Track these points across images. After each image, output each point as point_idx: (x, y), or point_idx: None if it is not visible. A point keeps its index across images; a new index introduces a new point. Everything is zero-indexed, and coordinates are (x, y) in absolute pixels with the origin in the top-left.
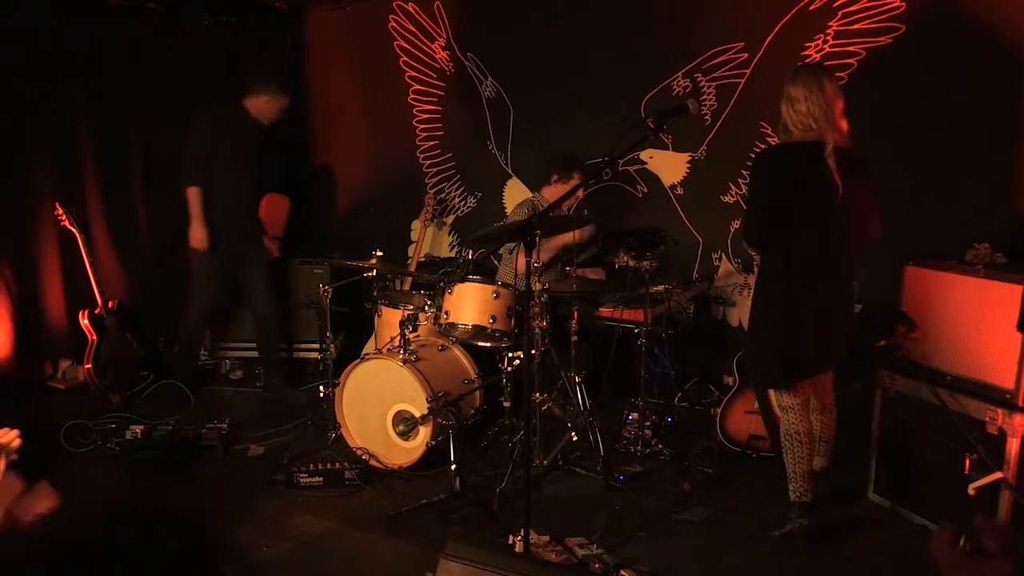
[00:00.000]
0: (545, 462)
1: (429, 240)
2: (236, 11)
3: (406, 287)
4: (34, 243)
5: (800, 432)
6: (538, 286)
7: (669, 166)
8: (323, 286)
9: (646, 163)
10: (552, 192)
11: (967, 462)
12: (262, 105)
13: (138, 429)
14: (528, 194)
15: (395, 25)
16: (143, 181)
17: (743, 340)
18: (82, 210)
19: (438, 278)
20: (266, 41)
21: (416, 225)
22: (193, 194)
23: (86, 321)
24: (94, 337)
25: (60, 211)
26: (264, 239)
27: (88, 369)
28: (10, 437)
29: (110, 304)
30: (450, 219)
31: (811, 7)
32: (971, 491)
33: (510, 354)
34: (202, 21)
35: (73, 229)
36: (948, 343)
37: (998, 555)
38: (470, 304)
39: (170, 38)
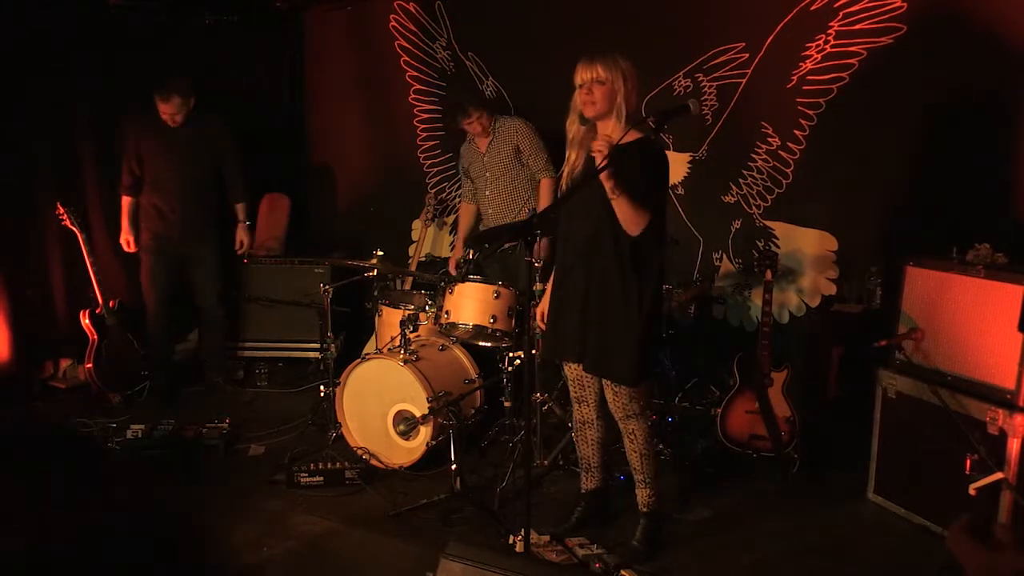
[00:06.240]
0: (545, 462)
1: (430, 240)
2: (237, 11)
3: (407, 287)
4: (35, 243)
5: None
6: (539, 286)
7: (670, 166)
8: (324, 286)
9: None
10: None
11: (968, 462)
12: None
13: (139, 428)
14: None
15: (396, 25)
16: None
17: (617, 337)
18: (83, 210)
19: (439, 278)
20: (267, 41)
21: (417, 225)
22: (124, 203)
23: (87, 320)
24: (95, 336)
25: (61, 210)
26: (241, 234)
27: (89, 368)
28: None
29: (111, 303)
30: (451, 219)
31: (812, 7)
32: (972, 491)
33: (511, 354)
34: (203, 21)
35: (74, 228)
36: (949, 343)
37: (1012, 547)
38: (471, 304)
39: (171, 38)
